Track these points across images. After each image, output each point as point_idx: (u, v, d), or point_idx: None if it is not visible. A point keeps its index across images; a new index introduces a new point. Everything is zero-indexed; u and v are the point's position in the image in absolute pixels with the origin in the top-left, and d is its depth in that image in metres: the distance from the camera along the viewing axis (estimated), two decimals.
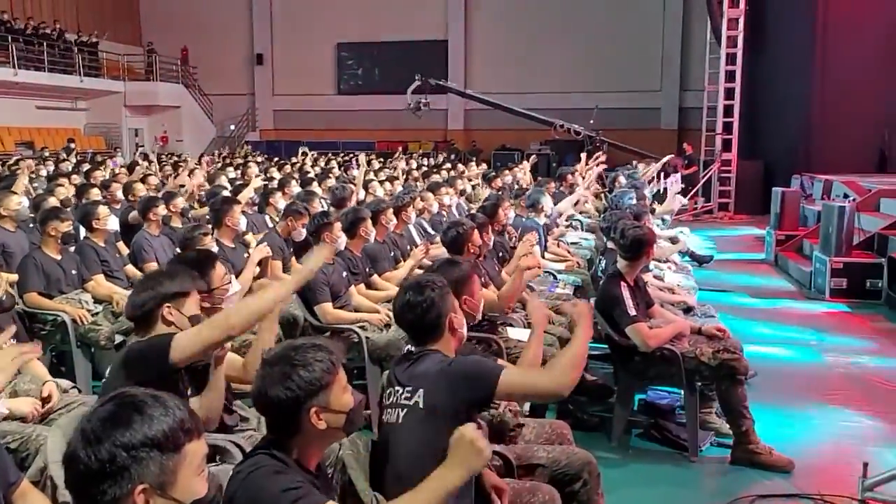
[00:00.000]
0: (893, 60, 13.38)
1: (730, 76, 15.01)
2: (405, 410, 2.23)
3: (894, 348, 6.05)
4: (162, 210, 5.74)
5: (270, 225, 6.53)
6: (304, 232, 5.48)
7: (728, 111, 15.11)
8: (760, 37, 15.25)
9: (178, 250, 4.76)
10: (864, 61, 13.53)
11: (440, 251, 5.95)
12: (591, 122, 17.00)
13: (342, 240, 4.72)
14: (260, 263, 4.71)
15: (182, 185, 8.18)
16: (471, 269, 2.88)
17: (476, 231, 4.25)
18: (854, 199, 9.28)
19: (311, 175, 10.44)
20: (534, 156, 14.31)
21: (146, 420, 1.37)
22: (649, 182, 10.59)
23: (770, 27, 15.26)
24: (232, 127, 24.52)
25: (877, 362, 5.64)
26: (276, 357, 1.86)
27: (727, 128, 15.17)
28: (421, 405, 2.20)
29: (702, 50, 17.14)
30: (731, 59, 14.96)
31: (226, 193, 6.63)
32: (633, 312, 3.97)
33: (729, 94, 15.06)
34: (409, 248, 5.99)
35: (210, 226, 5.12)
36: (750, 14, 14.83)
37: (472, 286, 2.80)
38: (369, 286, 5.00)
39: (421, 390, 2.22)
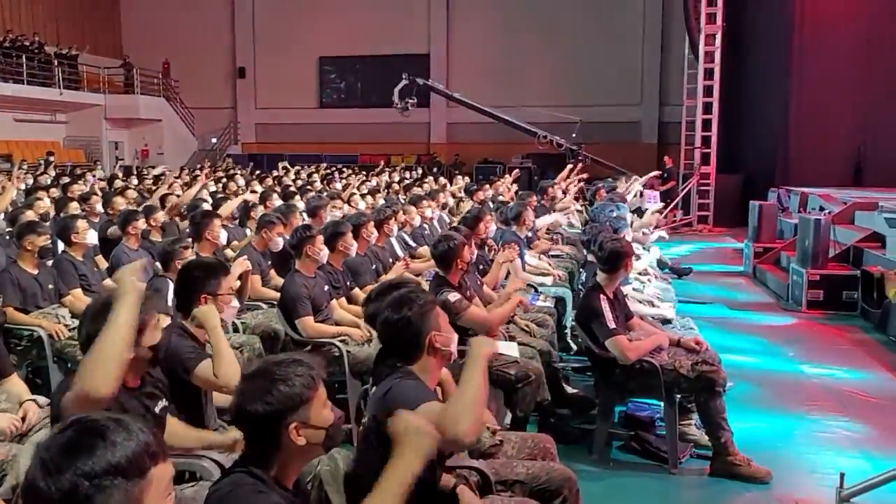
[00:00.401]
0: (867, 77, 13.66)
1: (708, 91, 15.21)
2: (363, 431, 2.25)
3: (870, 359, 6.13)
4: (142, 224, 5.71)
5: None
6: (280, 242, 5.48)
7: (706, 125, 15.30)
8: (738, 53, 15.50)
9: (158, 264, 4.73)
10: (838, 77, 13.81)
11: (424, 265, 5.98)
12: (574, 135, 17.15)
13: (324, 253, 4.72)
14: (240, 277, 4.69)
15: (169, 194, 8.14)
16: (432, 302, 2.49)
17: (466, 246, 4.26)
18: (829, 212, 9.42)
19: (293, 188, 10.43)
20: (517, 170, 14.34)
21: (109, 446, 1.30)
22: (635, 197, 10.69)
23: (747, 44, 15.52)
24: (214, 140, 24.42)
25: (853, 373, 5.71)
26: (255, 372, 1.86)
27: (706, 142, 15.35)
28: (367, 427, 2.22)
29: (680, 65, 17.36)
30: (708, 74, 15.16)
31: (206, 207, 6.62)
32: (612, 325, 4.00)
33: (707, 108, 15.25)
34: (390, 261, 5.99)
35: (190, 239, 5.09)
36: (727, 30, 15.06)
37: (437, 320, 2.44)
38: (351, 300, 5.00)
39: (371, 413, 2.23)
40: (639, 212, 10.10)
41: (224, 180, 12.28)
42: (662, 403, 4.11)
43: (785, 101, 14.57)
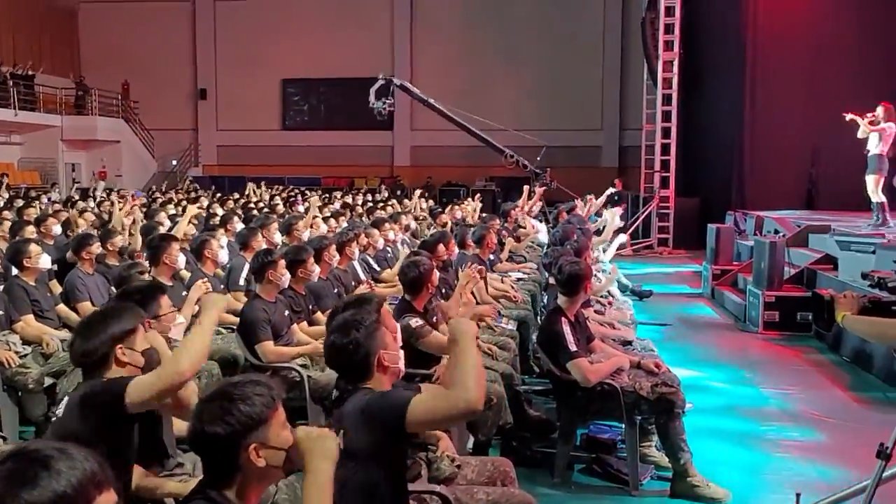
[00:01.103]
0: (818, 104, 14.11)
1: (666, 116, 15.55)
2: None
3: (824, 380, 6.27)
4: (96, 248, 5.59)
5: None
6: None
7: (665, 150, 15.61)
8: (694, 79, 15.88)
9: (114, 289, 4.64)
10: (790, 103, 14.26)
11: (388, 290, 5.96)
12: (538, 158, 17.38)
13: (286, 278, 4.67)
14: (198, 302, 4.63)
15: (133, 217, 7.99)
16: (377, 322, 2.48)
17: (434, 270, 4.25)
18: (784, 235, 9.66)
19: (255, 211, 10.34)
20: (479, 194, 14.41)
21: (53, 475, 1.27)
22: (597, 215, 10.83)
23: (703, 70, 15.92)
24: (174, 162, 24.14)
25: (808, 394, 5.83)
26: (213, 393, 1.84)
27: (665, 166, 15.66)
28: (340, 447, 2.19)
29: (639, 91, 17.72)
30: (666, 99, 15.52)
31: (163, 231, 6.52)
32: (573, 348, 4.03)
33: (666, 133, 15.58)
34: (353, 284, 5.96)
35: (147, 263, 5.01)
36: (684, 57, 15.45)
37: (384, 339, 2.45)
38: (312, 324, 4.96)
39: (342, 432, 2.21)
40: (598, 232, 10.25)
41: (185, 203, 12.13)
42: (623, 425, 4.14)
43: (739, 126, 15.00)
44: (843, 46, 13.96)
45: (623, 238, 9.00)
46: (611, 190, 13.15)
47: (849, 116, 9.14)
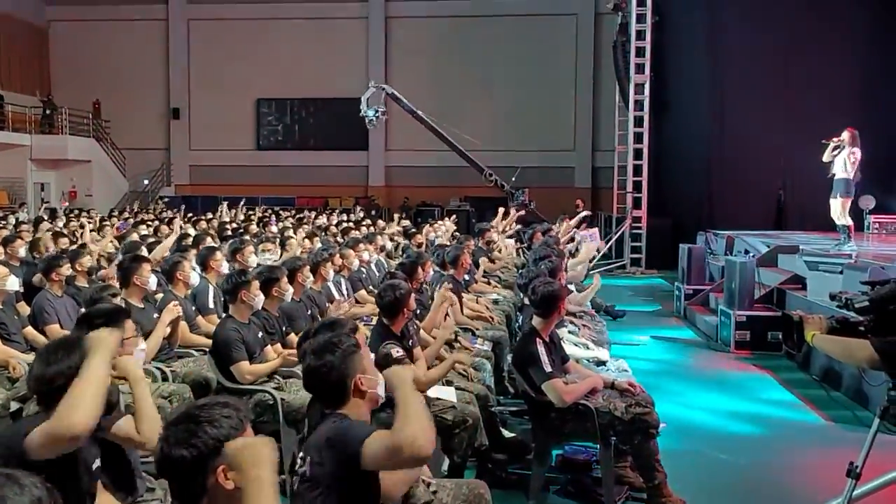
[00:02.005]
0: (787, 127, 14.45)
1: (638, 138, 15.77)
2: (298, 479, 2.20)
3: (794, 399, 6.34)
4: (66, 270, 5.50)
5: None
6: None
7: (637, 171, 15.81)
8: (665, 101, 16.15)
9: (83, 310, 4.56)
10: (758, 124, 14.59)
11: (362, 310, 5.94)
12: (513, 179, 17.54)
13: (259, 299, 4.64)
14: (170, 324, 4.57)
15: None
16: (355, 346, 2.46)
17: (411, 294, 4.24)
18: (754, 255, 9.80)
19: (230, 231, 10.27)
20: (454, 215, 14.45)
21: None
22: (571, 241, 10.90)
23: (674, 92, 16.21)
24: (146, 182, 23.89)
25: (778, 413, 5.89)
26: (180, 416, 1.81)
27: (637, 186, 15.84)
28: (307, 474, 2.17)
29: (612, 113, 17.96)
30: (638, 121, 15.74)
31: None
32: (548, 369, 4.04)
33: (637, 154, 15.78)
34: (327, 305, 5.93)
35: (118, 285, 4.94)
36: (655, 80, 15.71)
37: (362, 363, 2.44)
38: (286, 346, 4.91)
39: (308, 458, 2.19)
40: (574, 253, 10.32)
41: (157, 223, 12.00)
42: (598, 446, 4.15)
43: (709, 147, 15.32)
44: (811, 69, 14.34)
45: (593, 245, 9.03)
46: (585, 213, 13.24)
47: (824, 141, 9.25)
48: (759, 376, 7.08)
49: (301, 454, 2.25)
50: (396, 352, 3.76)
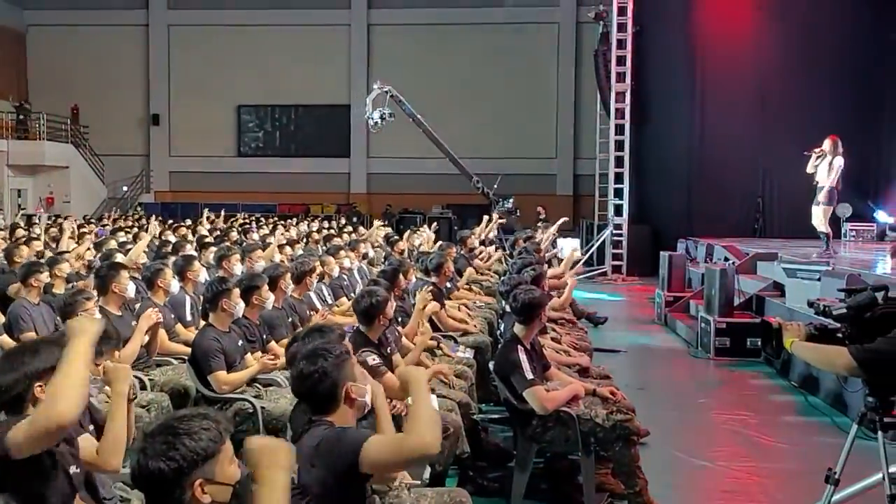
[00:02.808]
0: (765, 135, 14.64)
1: (619, 145, 15.88)
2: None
3: (774, 405, 6.40)
4: (45, 277, 5.41)
5: None
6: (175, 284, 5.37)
7: (619, 178, 15.91)
8: (646, 109, 16.29)
9: (59, 318, 4.50)
10: (738, 133, 14.78)
11: (342, 319, 5.90)
12: (495, 186, 17.60)
13: (240, 307, 4.60)
14: (148, 331, 4.52)
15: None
16: (346, 353, 2.48)
17: (389, 301, 4.22)
18: (734, 262, 9.88)
19: (209, 239, 10.17)
20: (435, 223, 14.41)
21: None
22: (551, 248, 10.95)
23: (655, 101, 16.34)
24: (125, 188, 23.68)
25: (759, 419, 5.93)
26: (158, 428, 1.78)
27: (618, 194, 15.95)
28: (297, 481, 2.15)
29: (593, 121, 18.06)
30: (619, 129, 15.86)
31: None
32: (530, 376, 4.03)
33: (619, 162, 15.89)
34: (308, 313, 5.89)
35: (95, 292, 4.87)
36: (636, 88, 15.84)
37: (352, 371, 2.45)
38: (266, 353, 4.86)
39: (296, 466, 2.17)
40: (556, 260, 10.36)
41: (136, 230, 11.89)
42: (579, 453, 4.15)
43: (690, 155, 15.48)
44: (790, 77, 14.53)
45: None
46: (564, 219, 13.30)
47: (806, 153, 9.23)
48: (738, 383, 7.13)
49: None
50: (373, 360, 3.75)
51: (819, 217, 9.36)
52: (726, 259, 10.72)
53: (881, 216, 13.83)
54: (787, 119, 14.38)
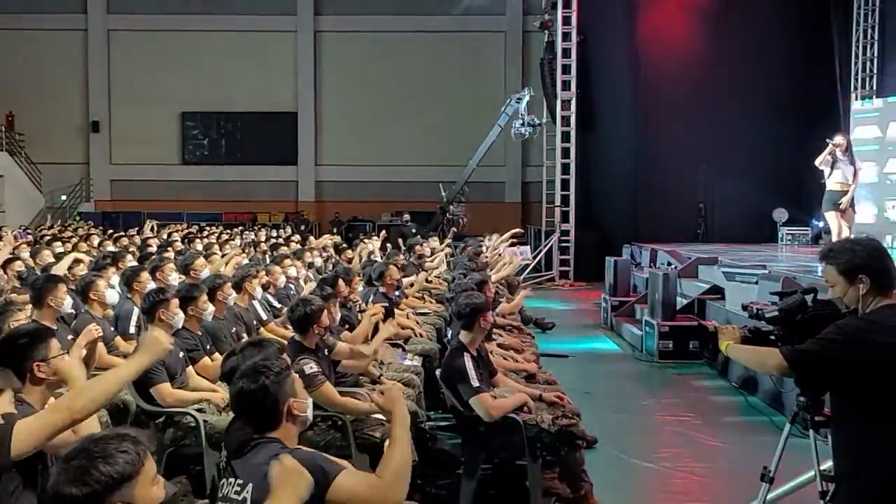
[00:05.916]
0: (707, 141, 15.04)
1: (565, 153, 16.10)
2: None
3: (715, 406, 6.56)
4: None
5: None
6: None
7: (565, 185, 16.13)
8: (591, 117, 16.57)
9: None
10: (681, 141, 15.13)
11: (283, 331, 5.82)
12: (443, 194, 17.68)
13: (179, 318, 4.50)
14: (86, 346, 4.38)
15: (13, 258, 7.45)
16: (287, 368, 2.47)
17: (325, 310, 4.18)
18: (676, 267, 10.11)
19: (153, 248, 9.93)
20: (384, 231, 14.28)
21: None
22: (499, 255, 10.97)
23: (599, 108, 16.65)
24: (63, 197, 22.96)
25: (700, 420, 6.07)
26: (74, 451, 1.72)
27: (565, 200, 16.16)
28: (249, 500, 2.11)
29: (540, 128, 18.28)
30: (565, 137, 16.09)
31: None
32: (476, 384, 4.04)
33: (565, 169, 16.12)
34: (254, 323, 5.81)
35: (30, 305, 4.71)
36: (581, 96, 16.10)
37: (294, 386, 2.43)
38: None
39: (251, 485, 2.13)
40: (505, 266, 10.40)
41: (74, 241, 11.51)
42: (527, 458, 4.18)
43: (633, 161, 15.80)
44: (727, 85, 14.99)
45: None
46: (517, 230, 13.38)
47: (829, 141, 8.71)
48: (680, 385, 7.28)
49: (238, 479, 2.18)
50: (310, 368, 3.72)
51: (832, 224, 8.56)
52: (669, 264, 10.96)
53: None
54: (728, 125, 14.83)
